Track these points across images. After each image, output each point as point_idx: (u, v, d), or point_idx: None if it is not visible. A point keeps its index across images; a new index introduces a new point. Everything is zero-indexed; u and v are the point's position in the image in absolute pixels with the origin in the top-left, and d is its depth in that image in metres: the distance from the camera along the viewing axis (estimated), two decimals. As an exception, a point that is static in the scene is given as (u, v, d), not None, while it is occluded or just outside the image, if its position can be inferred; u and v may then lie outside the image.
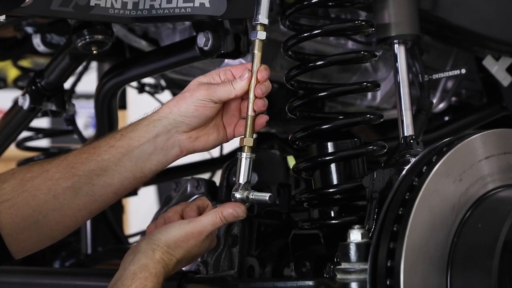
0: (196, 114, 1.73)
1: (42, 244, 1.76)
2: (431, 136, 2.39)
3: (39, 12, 1.73)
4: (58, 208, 1.72)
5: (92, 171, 1.72)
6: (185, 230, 1.70)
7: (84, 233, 2.72)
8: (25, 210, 1.70)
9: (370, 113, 1.85)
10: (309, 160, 1.80)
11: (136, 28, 2.52)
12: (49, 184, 1.71)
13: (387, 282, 1.48)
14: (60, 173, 1.72)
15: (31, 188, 1.71)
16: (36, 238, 1.73)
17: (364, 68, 2.53)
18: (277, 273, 1.82)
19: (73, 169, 1.72)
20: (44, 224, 1.72)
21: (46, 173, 1.72)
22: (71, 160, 1.74)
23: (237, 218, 1.72)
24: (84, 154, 1.74)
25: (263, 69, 1.75)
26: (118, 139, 1.75)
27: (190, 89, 1.75)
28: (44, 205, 1.71)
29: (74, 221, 1.75)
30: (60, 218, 1.73)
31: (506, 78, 2.30)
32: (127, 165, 1.74)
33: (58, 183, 1.71)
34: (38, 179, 1.71)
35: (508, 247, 1.50)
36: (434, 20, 2.01)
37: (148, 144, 1.73)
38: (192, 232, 1.70)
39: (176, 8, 1.79)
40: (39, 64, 3.14)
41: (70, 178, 1.72)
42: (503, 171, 1.62)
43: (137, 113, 1.80)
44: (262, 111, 1.76)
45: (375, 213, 1.63)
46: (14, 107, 2.46)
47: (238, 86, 1.74)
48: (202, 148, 1.78)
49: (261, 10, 1.75)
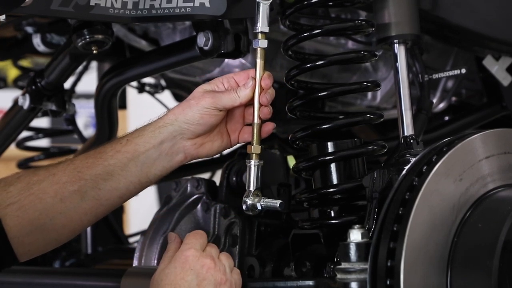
0: (202, 122, 1.76)
1: (47, 247, 1.77)
2: (431, 136, 2.38)
3: (39, 12, 1.73)
4: (65, 211, 1.72)
5: (98, 176, 1.74)
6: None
7: (84, 233, 2.72)
8: (32, 213, 1.70)
9: (370, 113, 1.85)
10: (309, 160, 1.80)
11: (136, 28, 2.52)
12: (56, 188, 1.72)
13: (387, 282, 1.48)
14: (67, 177, 1.73)
15: (38, 191, 1.71)
16: (42, 241, 1.74)
17: (364, 68, 2.53)
18: (277, 273, 1.82)
19: (79, 173, 1.73)
20: (50, 228, 1.72)
21: (53, 176, 1.73)
22: (77, 164, 1.75)
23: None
24: (90, 159, 1.76)
25: (267, 77, 1.78)
26: (124, 144, 1.77)
27: (195, 97, 1.77)
28: (51, 209, 1.71)
29: (80, 224, 1.76)
30: (67, 221, 1.73)
31: (506, 78, 2.30)
32: (133, 170, 1.76)
33: (65, 186, 1.72)
34: (44, 182, 1.72)
35: (508, 247, 1.50)
36: (434, 20, 2.01)
37: (153, 150, 1.76)
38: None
39: (176, 8, 1.79)
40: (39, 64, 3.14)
41: (77, 182, 1.73)
42: (503, 170, 1.62)
43: (137, 113, 1.81)
44: (268, 118, 1.79)
45: (375, 213, 1.63)
46: (14, 107, 2.46)
47: (242, 94, 1.77)
48: (206, 155, 1.82)
49: (261, 18, 1.77)
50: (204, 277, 1.68)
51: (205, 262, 1.69)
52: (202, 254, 1.70)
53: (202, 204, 1.98)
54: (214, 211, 1.95)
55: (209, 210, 1.96)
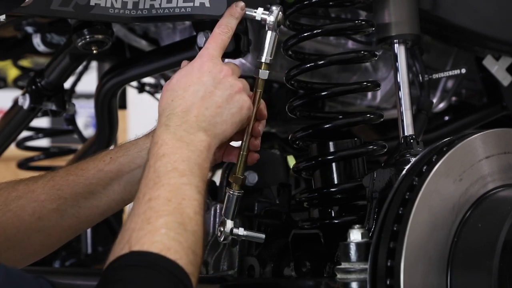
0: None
1: (25, 262, 1.74)
2: (431, 135, 2.38)
3: (39, 12, 1.73)
4: (43, 229, 1.70)
5: (79, 194, 1.70)
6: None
7: (84, 233, 2.73)
8: (10, 230, 1.68)
9: (370, 113, 1.85)
10: (309, 160, 1.80)
11: (136, 28, 2.52)
12: (34, 206, 1.69)
13: (387, 282, 1.48)
14: (46, 195, 1.69)
15: (15, 208, 1.68)
16: (20, 257, 1.71)
17: (364, 68, 2.53)
18: (277, 273, 1.82)
19: (59, 191, 1.70)
20: (28, 245, 1.70)
21: (32, 193, 1.70)
22: (57, 181, 1.71)
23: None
24: (71, 176, 1.71)
25: (263, 108, 1.71)
26: (107, 163, 1.72)
27: None
28: (28, 227, 1.68)
29: (59, 240, 1.74)
30: (45, 239, 1.71)
31: (506, 78, 2.30)
32: (116, 189, 1.72)
33: (43, 205, 1.69)
34: (23, 199, 1.69)
35: (508, 247, 1.50)
36: (434, 20, 2.01)
37: (139, 170, 1.69)
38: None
39: (176, 7, 1.79)
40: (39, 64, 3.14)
41: (56, 200, 1.70)
42: (503, 170, 1.62)
43: (137, 113, 1.80)
44: (255, 151, 1.73)
45: (375, 213, 1.63)
46: (14, 107, 2.46)
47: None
48: None
49: (267, 48, 1.71)
50: (220, 81, 1.60)
51: (223, 68, 1.62)
52: (220, 61, 1.63)
53: (202, 204, 1.98)
54: (214, 211, 1.95)
55: (209, 210, 1.96)
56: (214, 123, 1.58)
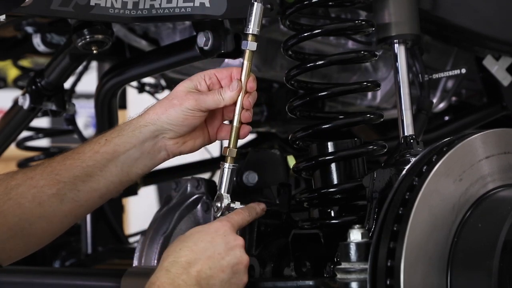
0: (185, 124, 1.73)
1: (29, 251, 1.75)
2: (431, 135, 2.39)
3: (39, 12, 1.73)
4: (44, 215, 1.71)
5: (77, 177, 1.71)
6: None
7: (84, 233, 2.72)
8: (11, 219, 1.69)
9: (370, 113, 1.84)
10: (309, 160, 1.80)
11: (136, 28, 2.52)
12: (34, 192, 1.70)
13: (387, 282, 1.48)
14: (45, 180, 1.70)
15: (16, 196, 1.69)
16: (23, 246, 1.72)
17: (364, 68, 2.53)
18: (277, 273, 1.81)
19: (57, 175, 1.71)
20: (30, 232, 1.71)
21: (30, 180, 1.71)
22: (55, 166, 1.72)
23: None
24: (68, 160, 1.73)
25: (252, 80, 1.75)
26: (103, 145, 1.73)
27: (178, 97, 1.74)
28: (29, 213, 1.69)
29: (60, 227, 1.75)
30: (46, 225, 1.72)
31: (506, 78, 2.30)
32: (113, 170, 1.73)
33: (42, 190, 1.70)
34: (22, 186, 1.70)
35: (508, 247, 1.50)
36: (434, 20, 2.01)
37: (134, 149, 1.73)
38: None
39: (176, 8, 1.79)
40: (39, 64, 3.14)
41: (55, 185, 1.70)
42: (503, 170, 1.62)
43: (137, 113, 1.80)
44: (248, 122, 1.76)
45: (375, 213, 1.63)
46: (14, 107, 2.46)
47: (227, 96, 1.74)
48: (189, 151, 1.79)
49: (253, 19, 1.74)
50: (232, 248, 1.64)
51: (238, 238, 1.65)
52: (235, 233, 1.67)
53: (202, 204, 1.98)
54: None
55: (209, 210, 1.96)
56: (212, 285, 1.61)
